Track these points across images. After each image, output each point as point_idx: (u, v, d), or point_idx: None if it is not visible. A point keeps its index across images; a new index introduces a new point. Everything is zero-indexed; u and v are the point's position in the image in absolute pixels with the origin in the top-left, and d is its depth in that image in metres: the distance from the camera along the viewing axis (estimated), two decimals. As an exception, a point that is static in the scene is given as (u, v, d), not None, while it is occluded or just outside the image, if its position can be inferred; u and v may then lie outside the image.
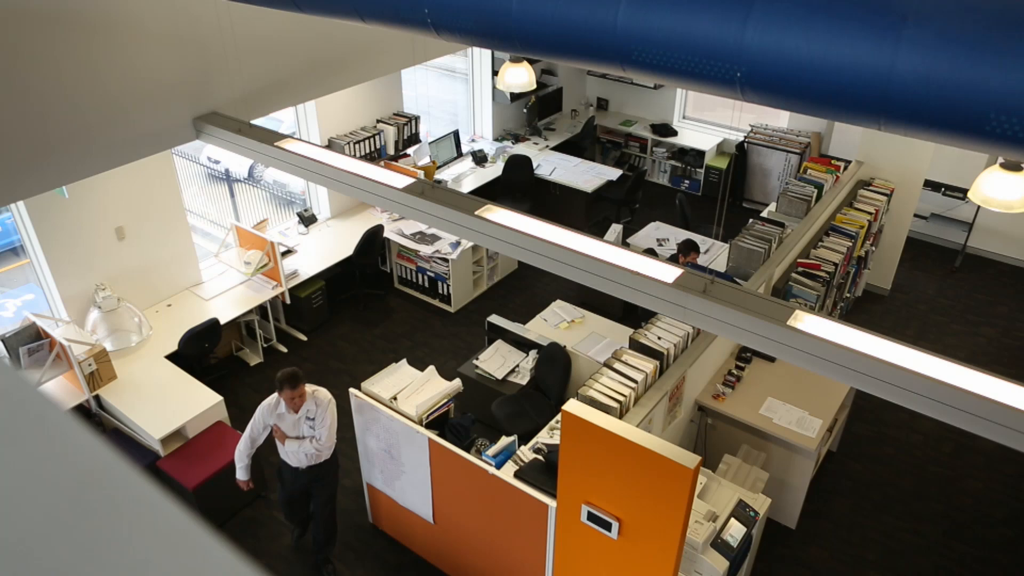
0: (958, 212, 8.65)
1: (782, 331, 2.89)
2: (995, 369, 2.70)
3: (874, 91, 2.02)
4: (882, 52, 1.95)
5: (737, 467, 4.90)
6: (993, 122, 1.87)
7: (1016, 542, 5.40)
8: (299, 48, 5.03)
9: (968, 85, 1.87)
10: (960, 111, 1.91)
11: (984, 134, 1.91)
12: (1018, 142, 1.89)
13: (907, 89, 1.97)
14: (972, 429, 2.63)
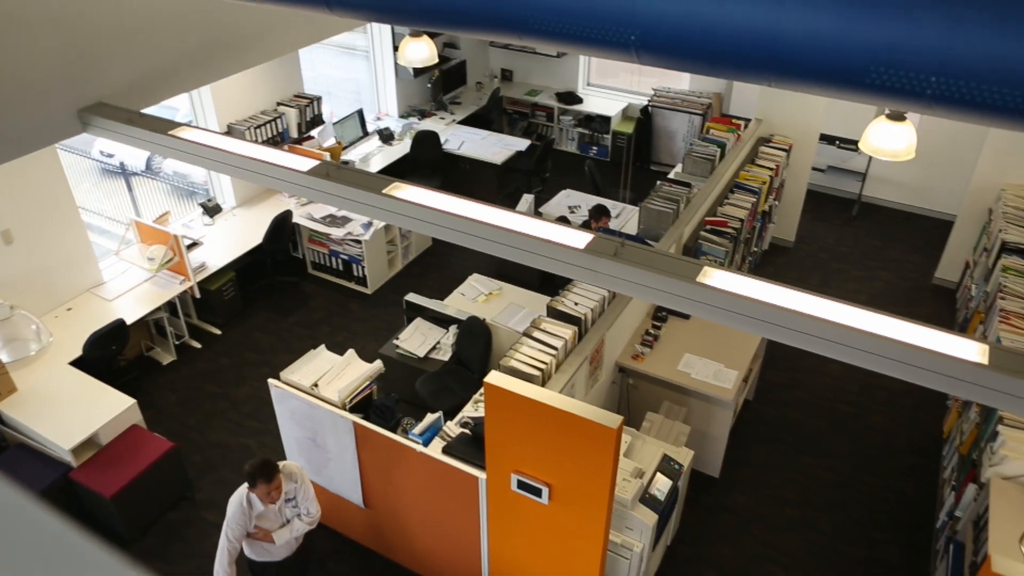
0: (852, 163, 9.04)
1: (692, 288, 2.96)
2: (892, 310, 2.84)
3: (763, 49, 2.08)
4: (769, 11, 2.00)
5: (660, 423, 5.04)
6: (873, 74, 1.96)
7: (918, 468, 5.75)
8: (189, 31, 4.82)
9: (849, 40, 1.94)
10: (842, 65, 1.98)
11: (865, 86, 1.99)
12: (896, 92, 1.98)
13: (793, 46, 2.04)
14: (875, 368, 2.77)
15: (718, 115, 9.34)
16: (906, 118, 4.33)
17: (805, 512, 5.42)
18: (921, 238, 8.57)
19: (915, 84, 1.90)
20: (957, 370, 2.63)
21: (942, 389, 2.69)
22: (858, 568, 5.05)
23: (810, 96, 7.55)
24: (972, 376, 2.60)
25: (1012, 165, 7.06)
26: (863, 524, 5.34)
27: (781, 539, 5.22)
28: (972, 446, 4.96)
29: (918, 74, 1.87)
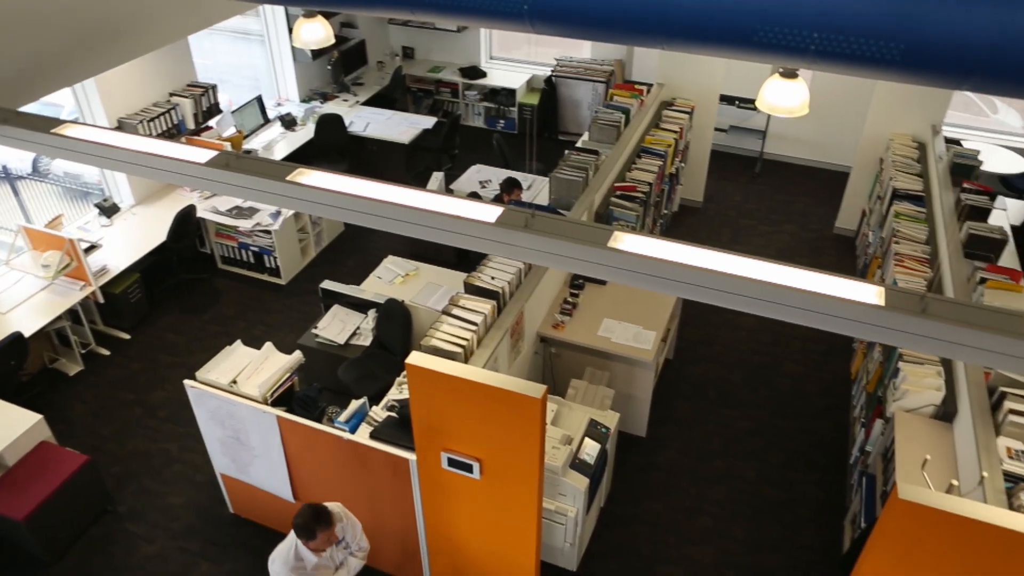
0: (752, 122, 9.30)
1: (604, 254, 3.00)
2: (798, 261, 2.96)
3: (653, 13, 2.10)
4: (654, -26, 2.03)
5: (584, 389, 5.12)
6: (760, 33, 2.01)
7: (830, 409, 6.03)
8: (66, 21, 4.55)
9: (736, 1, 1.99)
10: (730, 26, 2.03)
11: (753, 44, 2.04)
12: (782, 49, 2.04)
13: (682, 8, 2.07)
14: (784, 318, 2.87)
15: (621, 82, 9.44)
16: (798, 75, 4.47)
17: (729, 462, 5.61)
18: (821, 190, 8.92)
19: (798, 41, 1.96)
20: (857, 313, 2.75)
21: (845, 332, 2.81)
22: (782, 509, 5.28)
23: (709, 58, 7.72)
24: (871, 318, 2.73)
25: (898, 116, 7.39)
26: (784, 467, 5.57)
27: (709, 490, 5.40)
28: (877, 384, 5.23)
29: (800, 31, 1.93)
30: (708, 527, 5.15)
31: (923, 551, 3.18)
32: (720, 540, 5.08)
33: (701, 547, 5.04)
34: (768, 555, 4.99)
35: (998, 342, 2.60)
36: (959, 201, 5.94)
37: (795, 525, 5.18)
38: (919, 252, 5.67)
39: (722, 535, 5.11)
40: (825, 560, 4.97)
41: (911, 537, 3.16)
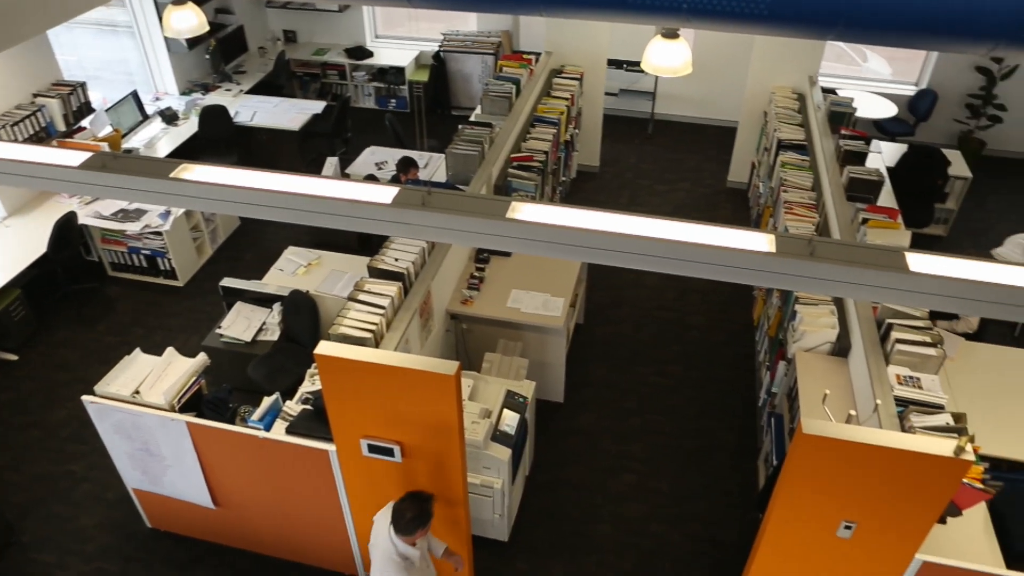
0: (641, 84, 9.46)
1: (504, 225, 3.01)
2: (694, 216, 3.03)
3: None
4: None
5: (499, 361, 5.15)
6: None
7: (737, 357, 6.27)
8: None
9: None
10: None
11: (629, 6, 2.07)
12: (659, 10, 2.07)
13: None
14: (684, 272, 2.95)
15: (509, 53, 9.43)
16: (679, 36, 4.57)
17: (646, 418, 5.77)
18: (712, 147, 9.18)
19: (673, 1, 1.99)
20: (751, 262, 2.85)
21: (743, 281, 2.91)
22: (701, 457, 5.47)
23: (594, 24, 7.80)
24: (764, 265, 2.84)
25: (777, 70, 7.67)
26: (698, 417, 5.77)
27: (629, 447, 5.54)
28: (778, 328, 5.46)
29: (672, -11, 1.96)
30: (633, 483, 5.29)
31: (829, 479, 3.36)
32: (645, 494, 5.23)
33: (628, 504, 5.17)
34: (692, 503, 5.17)
35: (880, 277, 2.75)
36: (838, 147, 6.22)
37: (714, 471, 5.38)
38: (806, 199, 5.92)
39: (647, 489, 5.26)
40: (744, 501, 5.19)
41: (818, 468, 3.33)
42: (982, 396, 5.06)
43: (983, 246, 7.67)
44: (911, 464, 3.21)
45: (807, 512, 3.54)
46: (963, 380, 5.17)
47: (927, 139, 9.16)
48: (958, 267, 2.80)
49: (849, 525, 3.54)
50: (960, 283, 2.73)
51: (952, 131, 9.27)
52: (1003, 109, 8.85)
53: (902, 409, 4.02)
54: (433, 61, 9.63)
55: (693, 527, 5.03)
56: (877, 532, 3.53)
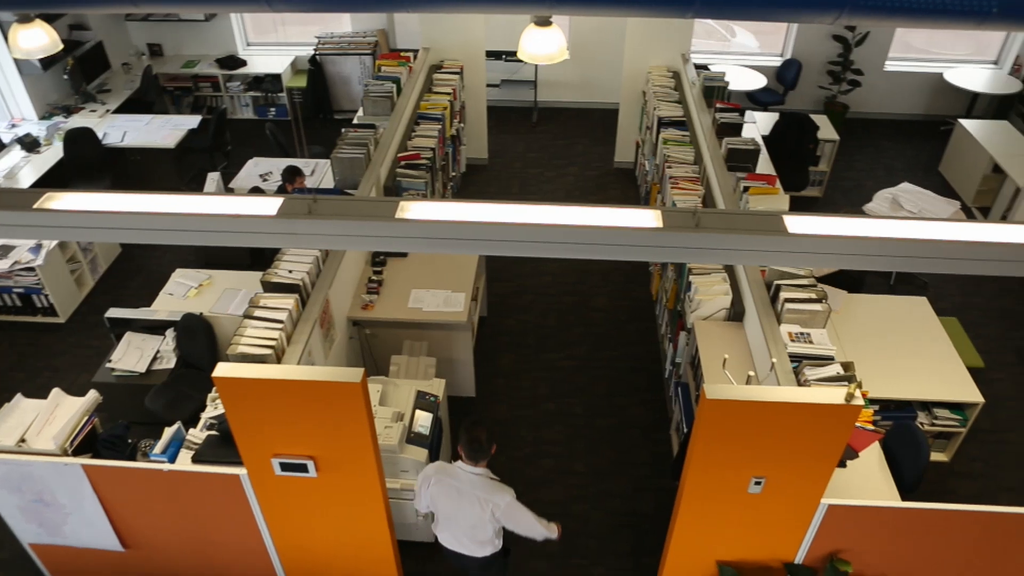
0: (522, 73, 9.54)
1: (394, 226, 2.98)
2: (587, 199, 3.08)
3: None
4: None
5: (406, 363, 5.11)
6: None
7: (640, 332, 6.43)
8: None
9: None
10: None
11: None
12: None
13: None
14: (580, 255, 3.00)
15: (387, 51, 9.33)
16: (552, 23, 4.61)
17: (559, 403, 5.85)
18: (596, 129, 9.35)
19: (534, -13, 2.01)
20: (641, 238, 2.93)
21: (636, 258, 2.99)
22: (614, 435, 5.59)
23: (468, 17, 7.80)
24: (653, 240, 2.92)
25: (651, 50, 7.87)
26: (609, 395, 5.89)
27: (545, 433, 5.61)
28: (675, 300, 5.63)
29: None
30: (551, 468, 5.36)
31: (736, 439, 3.50)
32: (564, 477, 5.30)
33: (547, 488, 5.23)
34: (610, 480, 5.28)
35: (762, 241, 2.87)
36: (715, 120, 6.44)
37: (629, 446, 5.51)
38: (690, 172, 6.12)
39: (565, 472, 5.33)
40: (660, 471, 5.34)
41: (724, 430, 3.46)
42: (866, 343, 5.38)
43: (856, 203, 8.14)
44: (808, 415, 3.37)
45: (718, 473, 3.67)
46: (848, 330, 5.47)
47: (796, 106, 9.62)
48: (832, 225, 2.95)
49: (759, 480, 3.69)
50: (835, 240, 2.89)
51: (818, 97, 9.76)
52: (860, 73, 9.38)
53: (796, 364, 4.21)
54: (310, 65, 9.41)
55: (613, 503, 5.14)
56: (785, 484, 3.69)
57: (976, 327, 6.61)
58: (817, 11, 1.91)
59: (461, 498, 3.76)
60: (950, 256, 2.91)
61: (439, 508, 3.88)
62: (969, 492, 5.28)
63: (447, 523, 3.91)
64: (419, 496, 3.92)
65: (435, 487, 3.81)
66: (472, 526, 3.84)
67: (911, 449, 4.51)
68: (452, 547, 4.01)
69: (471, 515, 3.79)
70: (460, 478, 3.75)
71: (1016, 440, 5.66)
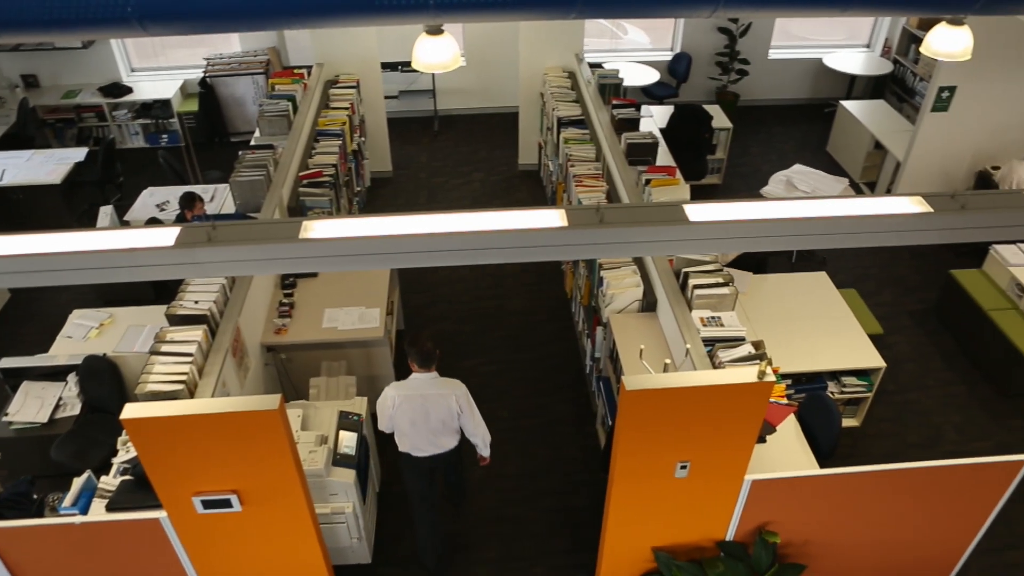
0: (420, 83, 9.51)
1: (299, 246, 2.92)
2: (493, 204, 3.09)
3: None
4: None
5: (325, 384, 5.01)
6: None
7: (559, 331, 6.50)
8: None
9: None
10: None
11: (377, 9, 2.05)
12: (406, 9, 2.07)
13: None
14: (491, 260, 3.01)
15: (280, 69, 9.15)
16: (443, 31, 4.61)
17: (484, 408, 5.80)
18: (498, 134, 9.41)
19: None
20: (548, 238, 2.95)
21: (543, 258, 3.01)
22: (542, 434, 5.62)
23: (360, 30, 7.72)
24: (560, 239, 2.95)
25: (545, 52, 7.97)
26: (533, 396, 5.92)
27: (472, 440, 5.59)
28: (589, 296, 5.71)
29: (417, -13, 1.97)
30: (482, 474, 5.35)
31: (659, 427, 3.57)
32: (496, 482, 5.30)
33: (482, 496, 5.22)
34: (542, 480, 5.31)
35: (665, 232, 2.94)
36: (613, 117, 6.57)
37: (557, 444, 5.55)
38: (593, 169, 6.22)
39: (496, 477, 5.33)
40: (589, 465, 5.40)
41: (646, 419, 3.53)
42: (774, 321, 5.59)
43: (753, 187, 8.44)
44: (725, 396, 3.47)
45: (645, 461, 3.74)
46: (756, 310, 5.67)
47: (690, 98, 9.92)
48: (731, 211, 3.05)
49: (684, 465, 3.78)
50: (735, 224, 2.99)
51: (709, 88, 10.09)
52: (747, 63, 9.75)
53: (710, 348, 4.34)
54: (200, 88, 9.13)
55: (547, 501, 5.17)
56: (709, 465, 3.79)
57: (873, 296, 6.96)
58: (695, 6, 1.97)
59: (427, 402, 4.24)
60: (843, 231, 3.05)
61: (408, 421, 4.28)
62: (881, 452, 5.54)
63: (417, 432, 4.31)
64: (385, 419, 4.32)
65: (402, 404, 4.23)
66: (443, 421, 4.31)
67: (824, 418, 4.71)
68: (425, 452, 4.40)
69: (441, 411, 4.28)
70: (421, 386, 4.24)
71: (917, 398, 5.98)
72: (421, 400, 4.24)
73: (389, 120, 8.50)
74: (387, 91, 9.00)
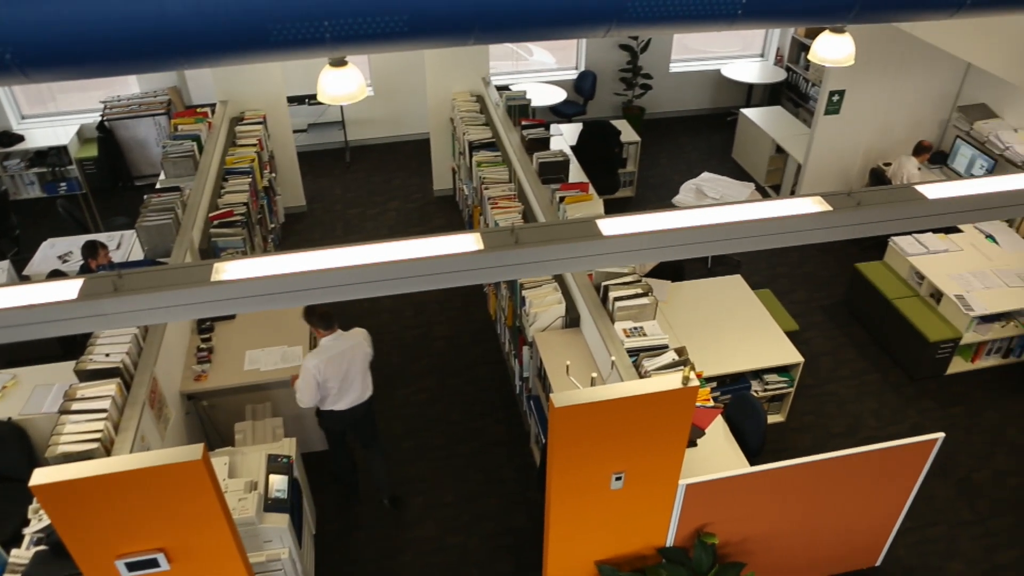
0: (328, 115, 9.42)
1: (211, 289, 2.84)
2: (412, 232, 3.08)
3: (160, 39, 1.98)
4: None
5: (252, 428, 4.87)
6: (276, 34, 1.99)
7: (486, 353, 6.49)
8: None
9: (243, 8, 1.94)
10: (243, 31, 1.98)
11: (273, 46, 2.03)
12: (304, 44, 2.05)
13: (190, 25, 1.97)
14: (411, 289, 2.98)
15: (182, 109, 8.93)
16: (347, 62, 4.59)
17: (418, 438, 5.78)
18: (412, 162, 9.39)
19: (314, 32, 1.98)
20: (466, 263, 2.95)
21: (463, 283, 3.00)
22: (478, 458, 5.59)
23: (262, 65, 7.61)
24: (477, 262, 2.96)
25: (452, 77, 8.02)
26: (466, 421, 5.89)
27: (408, 471, 5.52)
28: (513, 316, 5.73)
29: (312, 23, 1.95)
30: (421, 505, 5.27)
31: (590, 440, 3.60)
32: (435, 511, 5.24)
33: (421, 526, 5.15)
34: (481, 504, 5.27)
35: (579, 248, 2.98)
36: (523, 138, 6.65)
37: (494, 467, 5.53)
38: (507, 191, 6.27)
39: (436, 506, 5.27)
40: (526, 485, 5.39)
41: (577, 434, 3.55)
42: (694, 326, 5.72)
43: (665, 197, 8.66)
44: (652, 404, 3.53)
45: (580, 477, 3.76)
46: (677, 317, 5.80)
47: (597, 114, 10.13)
48: (643, 222, 3.12)
49: (619, 476, 3.82)
50: (648, 236, 3.05)
51: (615, 103, 10.33)
52: (650, 77, 10.03)
53: (635, 358, 4.40)
54: (99, 133, 8.82)
55: (487, 526, 5.13)
56: (643, 473, 3.84)
57: (786, 294, 7.21)
58: (589, 26, 2.02)
59: (345, 356, 4.62)
60: (752, 234, 3.16)
61: (338, 381, 4.64)
62: (806, 444, 5.73)
63: (344, 386, 4.70)
64: (312, 390, 4.59)
65: (327, 367, 4.55)
66: (363, 369, 4.76)
67: (751, 416, 4.84)
68: (352, 403, 4.77)
69: (360, 359, 4.72)
70: (335, 345, 4.59)
71: (836, 390, 6.21)
72: (340, 357, 4.60)
73: (300, 154, 8.39)
74: (295, 125, 8.89)
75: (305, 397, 4.63)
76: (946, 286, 6.24)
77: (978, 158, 7.47)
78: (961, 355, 6.35)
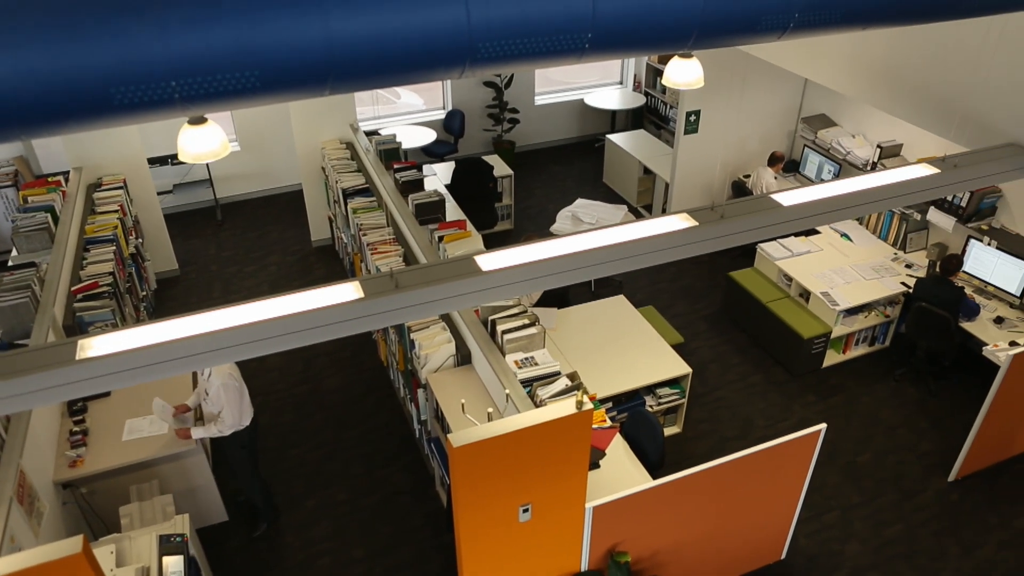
0: (194, 174, 9.11)
1: (76, 369, 2.67)
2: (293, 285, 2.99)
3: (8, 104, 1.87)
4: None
5: (138, 510, 4.58)
6: (118, 97, 1.92)
7: (380, 400, 6.38)
8: None
9: (81, 71, 1.86)
10: (78, 96, 1.89)
11: (117, 109, 1.95)
12: (154, 105, 1.98)
13: (13, 92, 1.88)
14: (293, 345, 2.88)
15: (31, 180, 8.41)
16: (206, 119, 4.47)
17: (319, 496, 5.59)
18: (286, 214, 9.20)
19: (161, 93, 1.92)
20: (347, 312, 2.91)
21: (348, 333, 2.95)
22: (384, 508, 5.46)
23: (117, 129, 7.30)
24: (360, 311, 2.91)
25: (319, 126, 7.94)
26: (368, 472, 5.75)
27: (313, 532, 5.32)
28: (404, 360, 5.67)
29: (158, 83, 1.89)
30: (329, 566, 5.09)
31: (493, 475, 3.59)
32: (345, 570, 5.07)
33: (330, 587, 4.97)
34: (393, 555, 5.14)
35: (460, 286, 2.99)
36: (396, 181, 6.65)
37: (402, 515, 5.41)
38: (386, 236, 6.23)
39: (345, 564, 5.10)
40: (437, 529, 5.30)
41: (479, 471, 3.54)
42: (584, 350, 5.83)
43: (544, 226, 8.83)
44: (549, 433, 3.56)
45: (487, 513, 3.74)
46: (566, 343, 5.90)
47: (469, 151, 10.25)
48: (520, 254, 3.16)
49: (526, 508, 3.82)
50: (527, 267, 3.10)
51: (486, 139, 10.50)
52: (516, 112, 10.26)
53: (529, 388, 4.44)
54: (-62, 214, 8.20)
55: (401, 575, 5.02)
56: (549, 502, 3.86)
57: (668, 309, 7.47)
58: (443, 69, 2.05)
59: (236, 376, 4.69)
60: (628, 255, 3.26)
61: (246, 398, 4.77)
62: (703, 451, 5.91)
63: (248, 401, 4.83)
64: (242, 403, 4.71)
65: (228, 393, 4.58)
66: None
67: (648, 431, 4.95)
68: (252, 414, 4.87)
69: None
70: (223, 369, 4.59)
71: (725, 395, 6.46)
72: (232, 378, 4.65)
73: (167, 216, 8.07)
74: (159, 187, 8.54)
75: (236, 412, 4.67)
76: (812, 285, 6.64)
77: (825, 164, 8.02)
78: (834, 348, 6.75)
